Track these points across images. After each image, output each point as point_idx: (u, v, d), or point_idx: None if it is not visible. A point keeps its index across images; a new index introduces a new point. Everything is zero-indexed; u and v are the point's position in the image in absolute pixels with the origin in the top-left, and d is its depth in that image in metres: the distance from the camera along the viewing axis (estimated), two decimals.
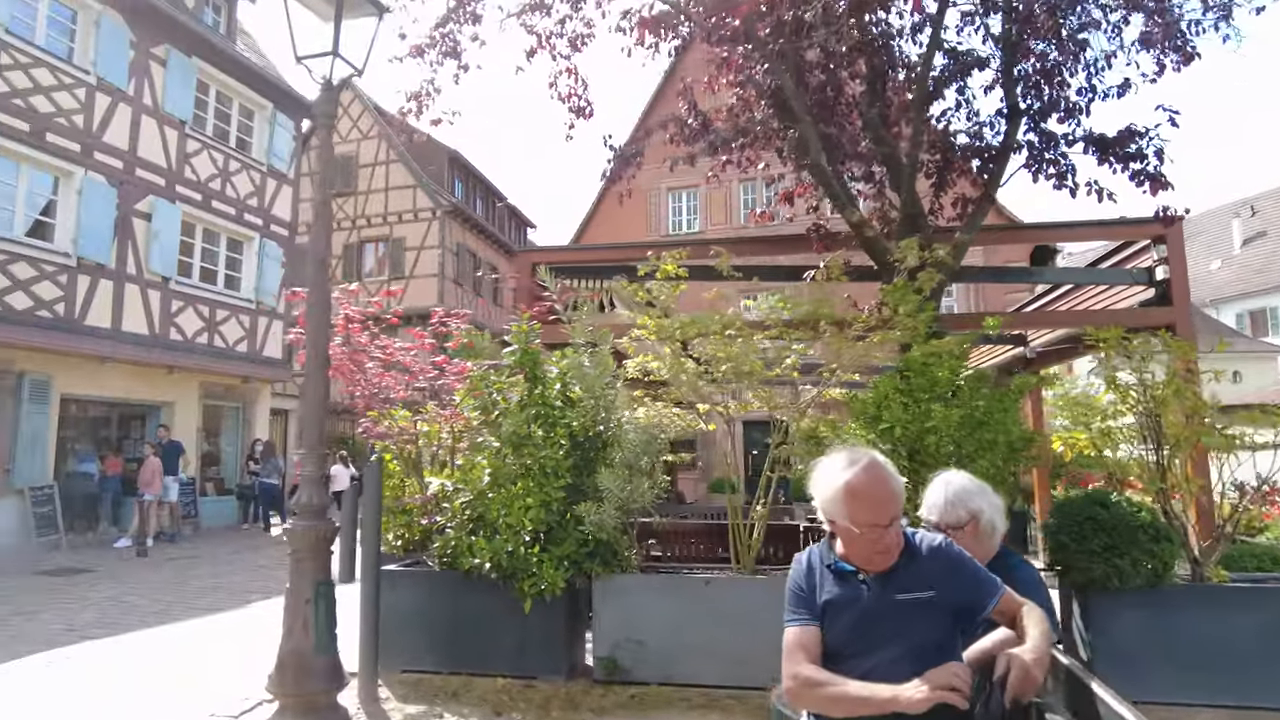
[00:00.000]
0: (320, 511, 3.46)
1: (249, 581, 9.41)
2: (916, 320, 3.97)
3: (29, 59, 11.05)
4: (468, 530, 4.02)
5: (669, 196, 20.99)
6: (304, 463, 3.48)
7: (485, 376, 4.38)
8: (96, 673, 5.34)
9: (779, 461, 4.18)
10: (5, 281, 10.60)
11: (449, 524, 4.15)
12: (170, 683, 5.06)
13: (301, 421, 3.50)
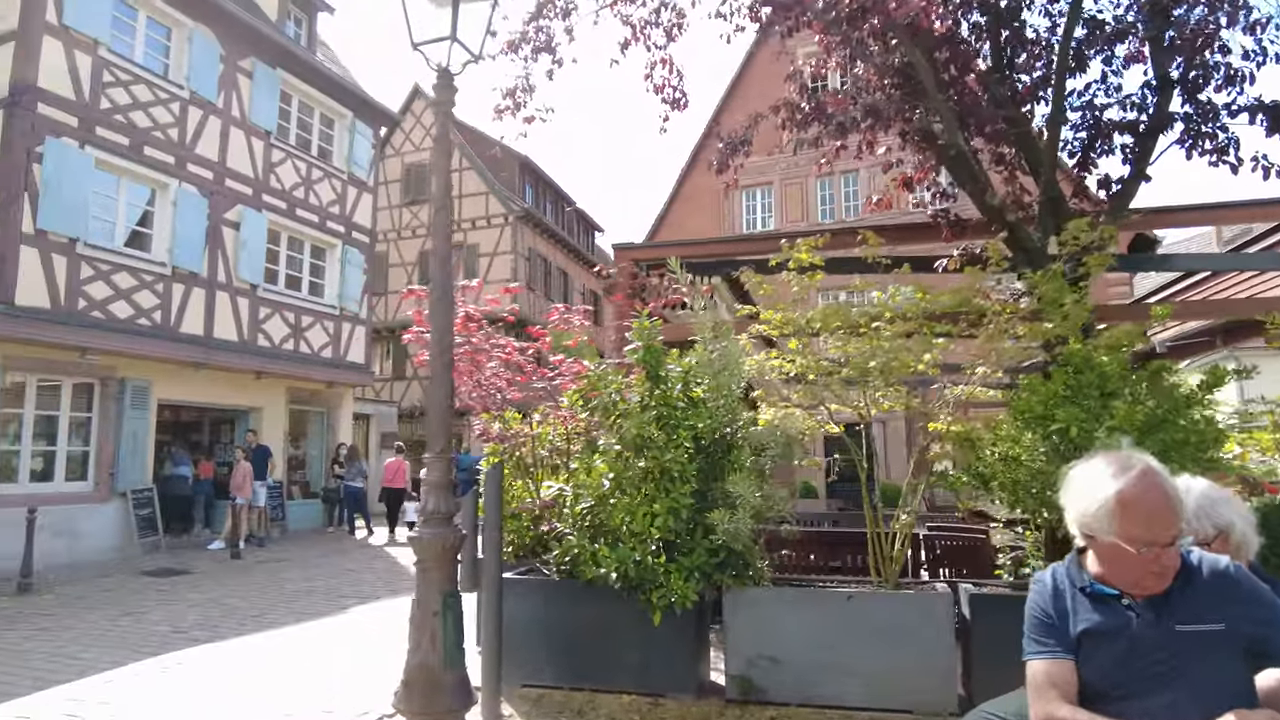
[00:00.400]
0: (447, 519, 3.29)
1: (341, 585, 9.44)
2: (1074, 310, 3.60)
3: (129, 76, 11.38)
4: (588, 537, 3.81)
5: (742, 195, 20.66)
6: (429, 468, 3.32)
7: (603, 375, 4.18)
8: (210, 680, 5.31)
9: (923, 467, 3.87)
10: (108, 291, 10.91)
11: (569, 531, 3.95)
12: (284, 692, 4.99)
13: (427, 424, 3.32)
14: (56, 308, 10.25)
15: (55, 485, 11.03)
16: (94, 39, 10.87)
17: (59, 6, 10.47)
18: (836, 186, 19.76)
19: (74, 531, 10.97)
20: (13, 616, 7.72)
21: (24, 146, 9.98)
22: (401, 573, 10.52)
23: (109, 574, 10.21)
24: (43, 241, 10.15)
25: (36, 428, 10.88)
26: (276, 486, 14.38)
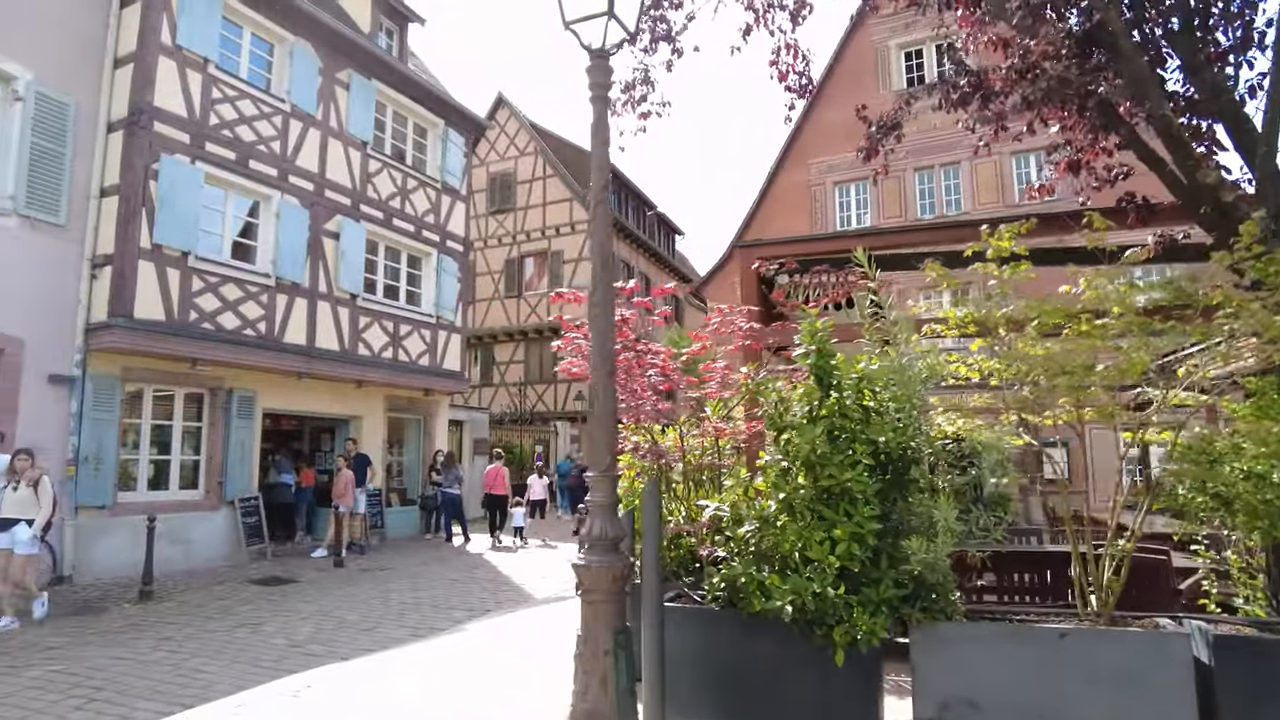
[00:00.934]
0: (614, 545, 2.97)
1: (449, 596, 9.31)
2: None
3: (235, 92, 11.60)
4: (752, 564, 3.42)
5: (835, 191, 19.97)
6: (594, 488, 3.00)
7: (765, 383, 3.80)
8: (347, 712, 5.07)
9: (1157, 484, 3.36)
10: (217, 302, 11.11)
11: (732, 556, 3.57)
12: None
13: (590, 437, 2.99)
14: (170, 320, 10.47)
15: (170, 493, 11.28)
16: (204, 57, 11.10)
17: (173, 28, 10.72)
18: (936, 180, 18.90)
19: (187, 539, 11.19)
20: (138, 624, 7.82)
21: (142, 164, 10.23)
22: (504, 583, 10.37)
23: (220, 581, 10.35)
24: (158, 255, 10.37)
25: (152, 437, 11.15)
26: (376, 494, 14.49)
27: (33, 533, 7.67)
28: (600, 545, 2.94)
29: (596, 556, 2.92)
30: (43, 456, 9.66)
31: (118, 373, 10.42)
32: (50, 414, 9.80)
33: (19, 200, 9.51)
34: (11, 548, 7.58)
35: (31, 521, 7.68)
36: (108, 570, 10.20)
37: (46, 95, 9.84)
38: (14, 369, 9.45)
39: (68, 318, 10.00)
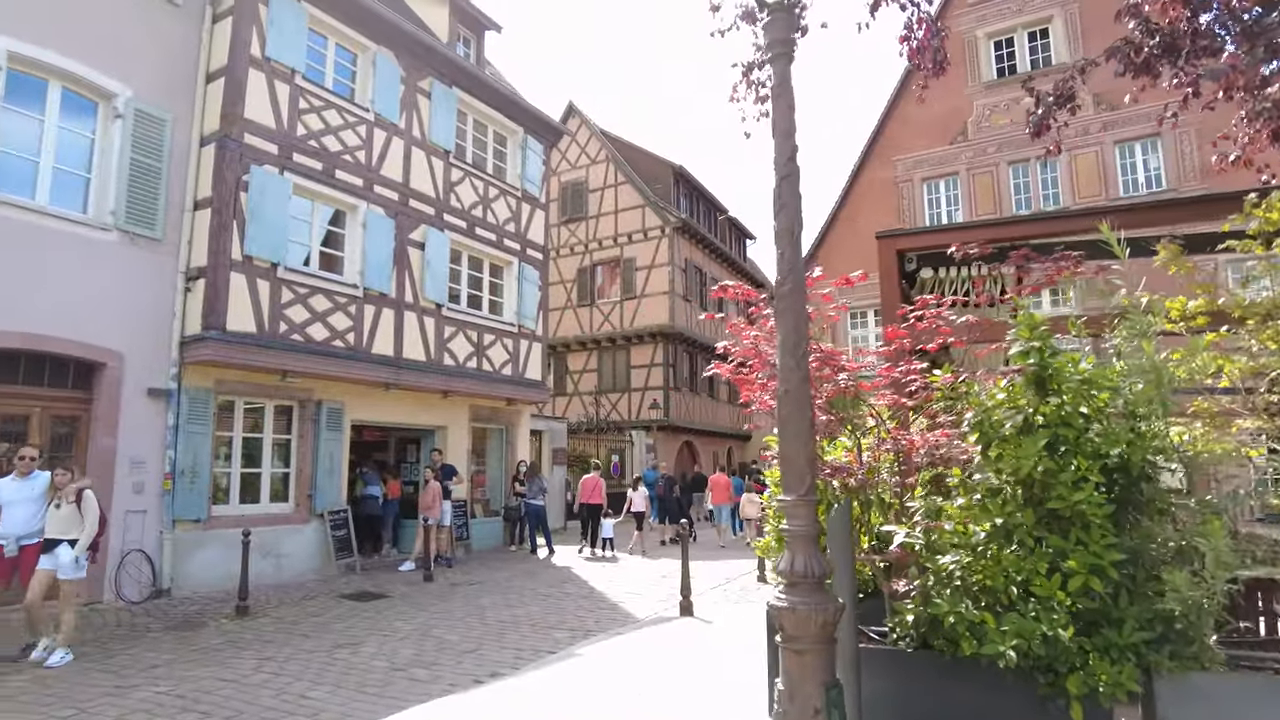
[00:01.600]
0: (819, 584, 2.51)
1: (545, 615, 8.94)
2: None
3: (321, 102, 11.57)
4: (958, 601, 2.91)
5: (923, 187, 19.15)
6: (791, 514, 2.55)
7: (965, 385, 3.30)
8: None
9: None
10: (306, 314, 11.04)
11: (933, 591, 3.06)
12: None
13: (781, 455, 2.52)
14: (262, 332, 10.42)
15: (261, 506, 11.23)
16: (291, 68, 11.09)
17: (262, 40, 10.73)
18: (1032, 173, 17.92)
19: (278, 552, 11.12)
20: (236, 641, 7.67)
21: (233, 176, 10.23)
22: (599, 600, 9.97)
23: (312, 596, 10.21)
24: (249, 267, 10.35)
25: (243, 449, 11.14)
26: (461, 505, 14.30)
27: (75, 554, 6.89)
28: (805, 585, 2.47)
29: (801, 598, 2.46)
30: (140, 470, 9.73)
31: (211, 385, 10.42)
32: (148, 427, 9.83)
33: (119, 215, 9.57)
34: (54, 569, 6.87)
35: (75, 542, 6.93)
36: (203, 583, 10.18)
37: (144, 112, 9.91)
38: (114, 383, 9.50)
39: (163, 331, 10.03)
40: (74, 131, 9.46)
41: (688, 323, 26.78)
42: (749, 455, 32.70)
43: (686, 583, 8.69)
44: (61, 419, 9.31)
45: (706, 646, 7.05)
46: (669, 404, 25.90)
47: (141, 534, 9.68)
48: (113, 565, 9.35)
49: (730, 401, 31.26)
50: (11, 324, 8.56)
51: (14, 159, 8.87)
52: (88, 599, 9.08)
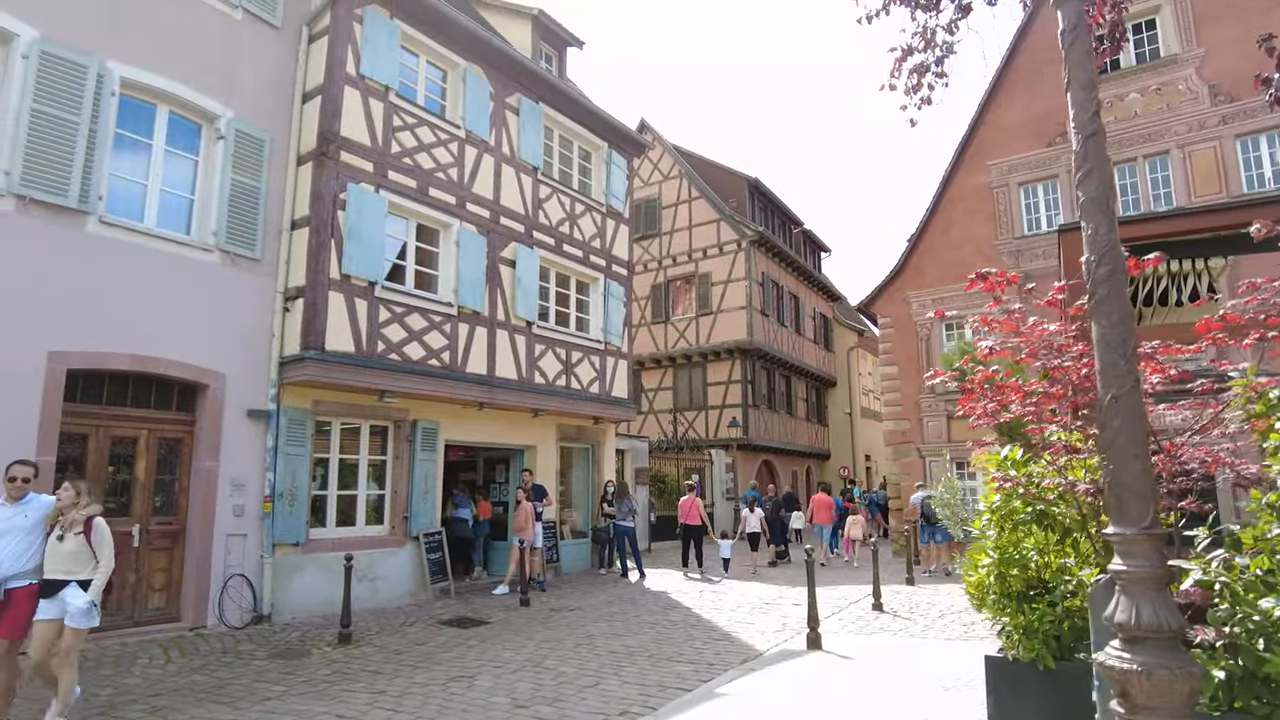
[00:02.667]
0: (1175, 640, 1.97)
1: (657, 644, 8.46)
2: None
3: (414, 119, 11.46)
4: None
5: (1020, 192, 18.25)
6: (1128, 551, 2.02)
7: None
8: None
9: None
10: (403, 333, 10.87)
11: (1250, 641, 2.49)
12: None
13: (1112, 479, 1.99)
14: (360, 351, 10.27)
15: (357, 529, 11.05)
16: (385, 85, 11.01)
17: (357, 58, 10.68)
18: (1140, 173, 16.88)
19: (374, 576, 10.91)
20: (344, 671, 7.38)
21: (330, 194, 10.14)
22: (709, 628, 9.43)
23: (411, 622, 9.94)
24: (346, 286, 10.22)
25: (340, 471, 10.98)
26: (550, 527, 13.96)
27: (89, 598, 5.46)
28: (1156, 642, 1.95)
29: (1154, 659, 1.94)
30: (241, 493, 9.61)
31: (309, 406, 10.29)
32: (248, 449, 9.72)
33: (220, 236, 9.54)
34: (61, 617, 5.46)
35: (86, 583, 5.50)
36: (302, 608, 10.00)
37: (245, 132, 9.90)
38: (217, 404, 9.42)
39: (262, 351, 9.94)
40: (178, 154, 9.48)
41: (766, 338, 26.17)
42: (828, 474, 31.78)
43: (814, 613, 8.11)
44: (166, 441, 9.25)
45: (863, 690, 6.45)
46: (748, 422, 25.28)
47: (242, 558, 9.55)
48: (215, 590, 9.22)
49: (808, 419, 30.46)
50: (121, 345, 8.54)
51: (123, 182, 8.90)
52: (194, 623, 8.98)
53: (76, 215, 8.24)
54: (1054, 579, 3.42)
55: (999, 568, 3.46)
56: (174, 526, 9.20)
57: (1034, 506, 3.37)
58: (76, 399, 8.37)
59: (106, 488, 8.62)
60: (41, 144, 7.96)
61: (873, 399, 35.28)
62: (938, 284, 18.94)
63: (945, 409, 18.36)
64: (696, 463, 23.66)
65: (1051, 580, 3.42)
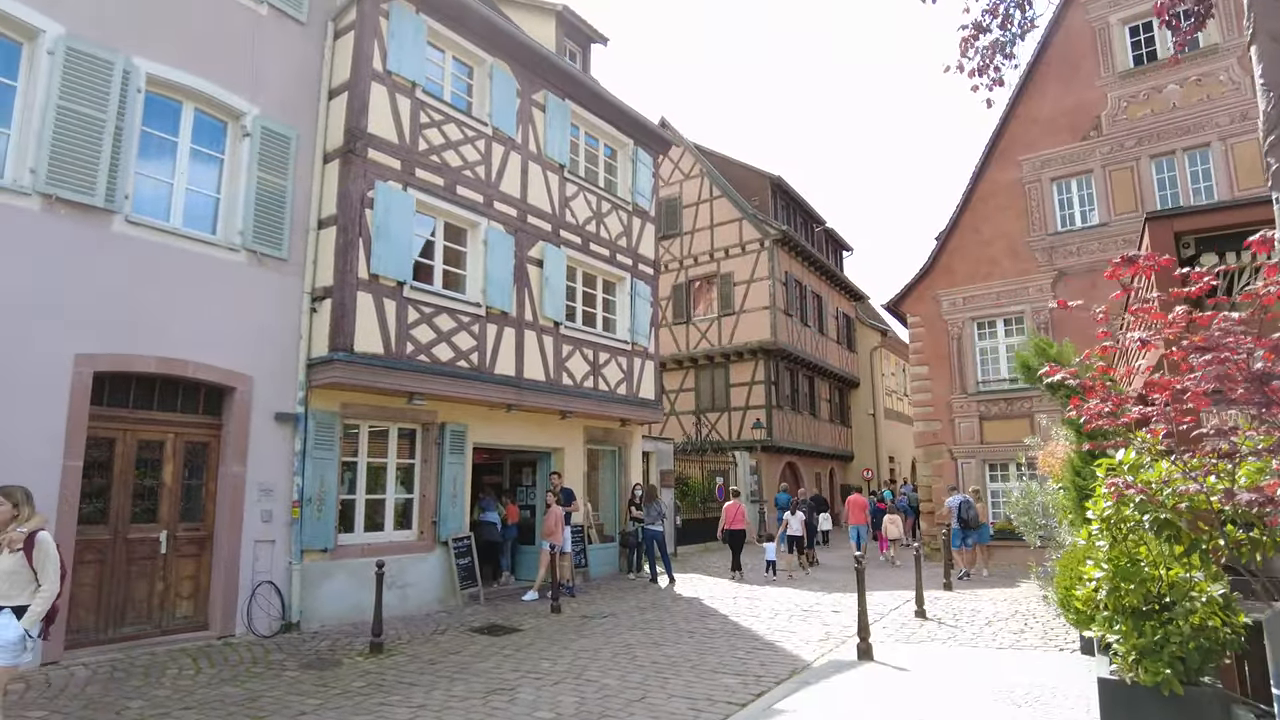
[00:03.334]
0: None
1: (699, 654, 8.17)
2: None
3: (441, 116, 11.24)
4: None
5: (1053, 188, 17.84)
6: None
7: None
8: None
9: None
10: (431, 334, 10.65)
11: None
12: None
13: None
14: (389, 353, 10.04)
15: (385, 534, 10.82)
16: (412, 82, 10.80)
17: (384, 54, 10.47)
18: (1179, 166, 16.42)
19: (403, 582, 10.68)
20: (379, 683, 7.14)
21: (358, 192, 9.92)
22: (749, 636, 9.13)
23: (442, 630, 9.71)
24: (375, 286, 10.00)
25: (368, 476, 10.76)
26: (579, 530, 13.70)
27: (24, 627, 4.63)
28: None
29: None
30: (269, 498, 9.41)
31: (337, 409, 10.07)
32: (276, 453, 9.51)
33: (247, 235, 9.34)
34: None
35: (22, 610, 4.65)
36: (330, 616, 9.78)
37: (271, 130, 9.70)
38: (244, 407, 9.21)
39: (290, 353, 9.74)
40: (204, 152, 9.29)
41: (790, 338, 25.82)
42: (851, 476, 31.39)
43: (864, 622, 7.80)
44: (194, 445, 9.05)
45: (931, 708, 6.13)
46: (771, 423, 24.93)
47: (270, 565, 9.34)
48: (244, 597, 9.02)
49: (832, 420, 30.08)
50: (148, 348, 8.34)
51: (149, 181, 8.71)
52: (222, 631, 8.77)
53: (103, 215, 8.06)
54: (1176, 595, 3.12)
55: (1112, 581, 3.16)
56: (201, 533, 9.00)
57: (1154, 515, 3.06)
58: (103, 402, 8.19)
59: (133, 492, 8.44)
60: (68, 142, 7.78)
61: (895, 399, 34.85)
62: (968, 282, 18.57)
63: (978, 410, 17.98)
64: (720, 465, 23.35)
65: (1173, 596, 3.11)
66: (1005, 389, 17.86)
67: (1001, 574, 14.93)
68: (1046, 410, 17.02)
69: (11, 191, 7.42)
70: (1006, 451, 17.51)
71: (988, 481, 17.88)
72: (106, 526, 8.20)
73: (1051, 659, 7.67)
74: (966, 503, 14.76)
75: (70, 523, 7.58)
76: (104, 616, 8.07)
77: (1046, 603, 8.05)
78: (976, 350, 18.47)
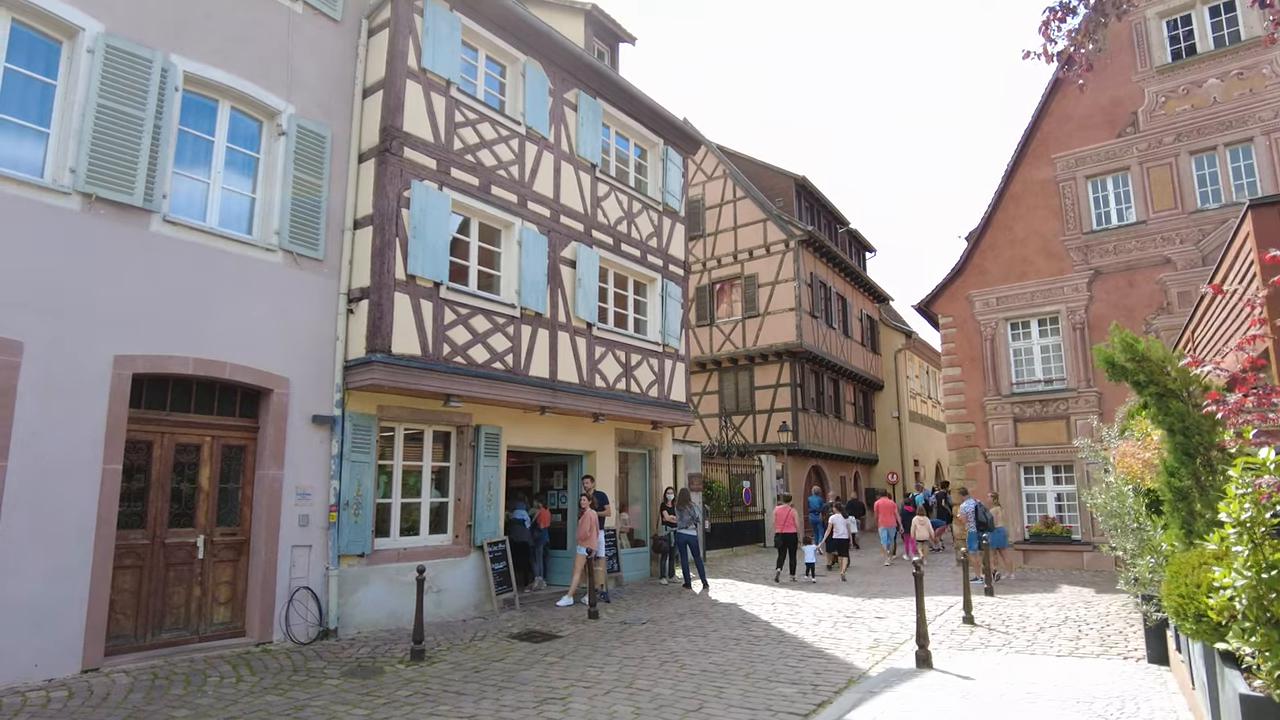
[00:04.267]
0: None
1: (749, 662, 7.94)
2: None
3: (476, 115, 11.09)
4: None
5: (1089, 186, 17.51)
6: None
7: None
8: None
9: None
10: (467, 335, 10.49)
11: None
12: None
13: None
14: (426, 354, 9.89)
15: (421, 538, 10.66)
16: (447, 80, 10.65)
17: (418, 51, 10.33)
18: (1220, 163, 16.04)
19: (439, 587, 10.51)
20: (424, 691, 6.95)
21: (394, 191, 9.78)
22: (798, 644, 8.88)
23: (480, 636, 9.52)
24: (411, 287, 9.85)
25: (404, 479, 10.60)
26: (611, 535, 13.50)
27: None
28: None
29: None
30: (306, 503, 9.25)
31: (374, 412, 9.92)
32: (313, 457, 9.37)
33: (284, 236, 9.21)
34: None
35: None
36: (367, 622, 9.62)
37: (306, 128, 9.58)
38: (281, 410, 9.08)
39: (326, 355, 9.60)
40: (240, 151, 9.17)
41: (815, 340, 25.54)
42: (876, 480, 31.04)
43: (924, 629, 7.54)
44: (231, 448, 8.92)
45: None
46: (797, 426, 24.65)
47: (308, 570, 9.19)
48: (281, 603, 8.86)
49: (856, 423, 29.75)
50: (186, 349, 8.22)
51: (186, 181, 8.60)
52: (260, 638, 8.62)
53: (141, 214, 7.94)
54: None
55: (1255, 591, 2.93)
56: (238, 537, 8.86)
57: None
58: (141, 404, 8.07)
59: (170, 496, 8.31)
60: (107, 141, 7.67)
61: (919, 402, 34.47)
62: (1001, 282, 18.27)
63: (1012, 412, 17.66)
64: (746, 468, 23.09)
65: None
66: (1040, 390, 17.53)
67: (1039, 578, 14.61)
68: (1083, 411, 16.70)
69: (52, 191, 7.31)
70: (1042, 454, 17.21)
71: (1022, 484, 17.57)
72: (144, 531, 8.08)
73: (1118, 667, 7.40)
74: (982, 506, 14.94)
75: (110, 527, 7.45)
76: (142, 622, 7.94)
77: (1137, 609, 7.78)
78: (1010, 351, 18.15)
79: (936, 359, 38.55)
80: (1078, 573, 15.74)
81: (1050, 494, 17.34)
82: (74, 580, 7.15)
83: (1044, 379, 17.65)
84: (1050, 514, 17.22)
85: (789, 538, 14.95)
